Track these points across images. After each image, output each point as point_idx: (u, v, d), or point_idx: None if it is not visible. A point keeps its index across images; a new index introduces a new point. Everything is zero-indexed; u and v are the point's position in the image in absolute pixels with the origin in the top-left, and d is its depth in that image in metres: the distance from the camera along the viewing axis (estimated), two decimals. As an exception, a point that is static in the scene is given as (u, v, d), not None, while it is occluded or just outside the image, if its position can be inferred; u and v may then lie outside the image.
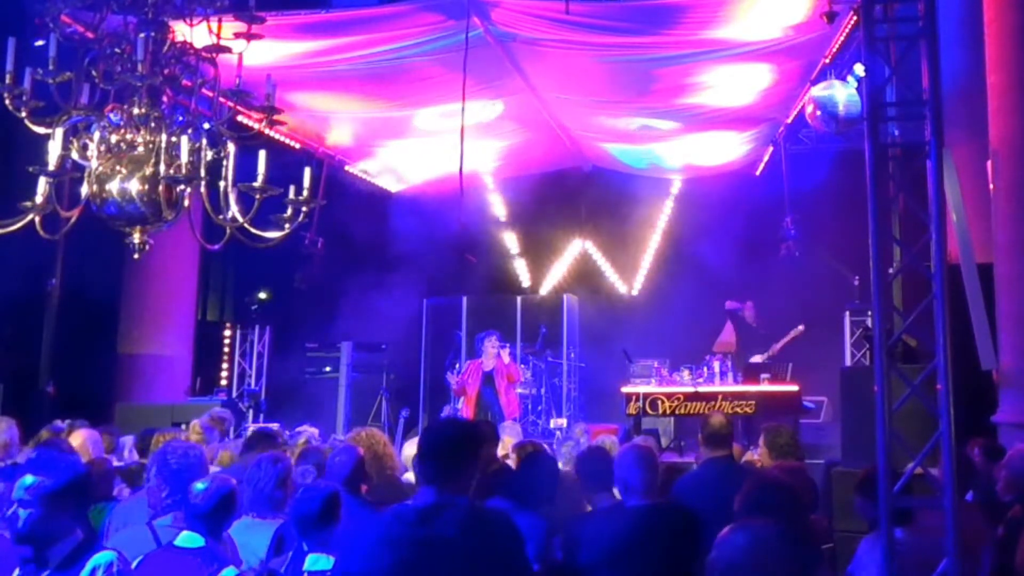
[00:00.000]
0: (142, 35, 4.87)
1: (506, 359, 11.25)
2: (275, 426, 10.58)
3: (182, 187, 5.09)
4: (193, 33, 5.19)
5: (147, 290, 12.88)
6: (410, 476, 5.61)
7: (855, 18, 8.00)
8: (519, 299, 14.50)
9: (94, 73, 4.99)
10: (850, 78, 9.57)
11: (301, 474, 4.77)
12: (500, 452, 6.49)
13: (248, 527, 4.21)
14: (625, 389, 10.98)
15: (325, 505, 3.73)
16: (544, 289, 15.43)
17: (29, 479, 3.16)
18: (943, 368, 3.73)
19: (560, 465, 5.55)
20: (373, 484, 4.89)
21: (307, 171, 5.36)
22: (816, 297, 12.61)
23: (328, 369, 14.32)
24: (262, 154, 5.19)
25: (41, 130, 4.96)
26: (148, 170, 4.93)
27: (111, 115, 5.00)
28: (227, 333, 14.48)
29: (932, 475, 3.95)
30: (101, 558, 3.13)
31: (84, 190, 5.05)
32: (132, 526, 3.91)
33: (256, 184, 5.19)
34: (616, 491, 4.43)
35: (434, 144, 11.96)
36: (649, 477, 4.15)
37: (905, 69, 4.57)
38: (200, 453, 4.19)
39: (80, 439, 6.28)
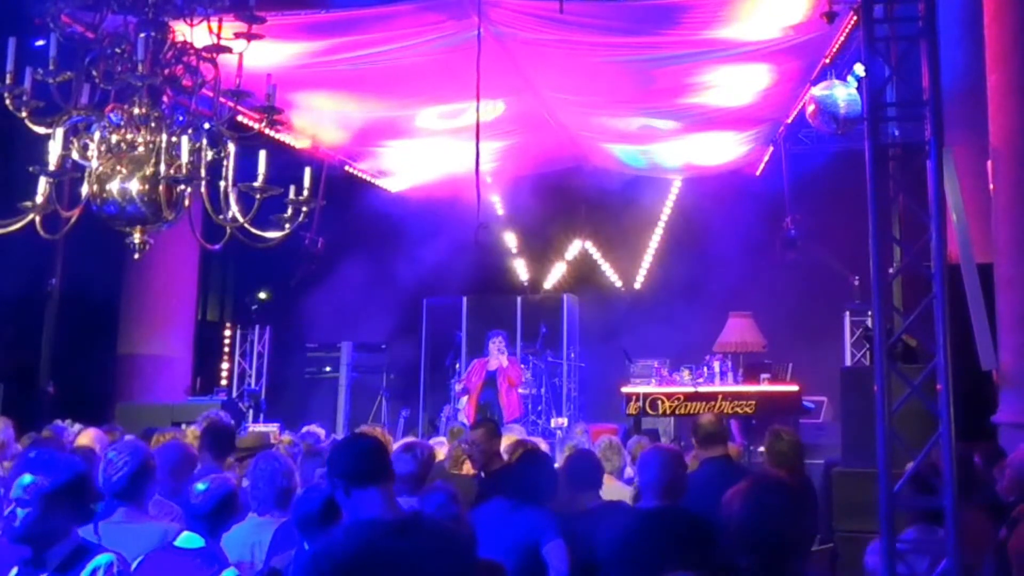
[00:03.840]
0: (142, 35, 4.87)
1: (504, 363, 11.27)
2: (274, 427, 10.61)
3: (182, 187, 5.09)
4: (193, 33, 5.19)
5: (147, 290, 12.88)
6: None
7: (855, 18, 8.00)
8: (519, 299, 14.50)
9: (94, 73, 4.99)
10: (850, 78, 9.57)
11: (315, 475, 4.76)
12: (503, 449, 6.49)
13: (257, 526, 4.22)
14: (625, 389, 10.98)
15: (326, 505, 3.72)
16: (544, 289, 15.42)
17: (27, 478, 3.15)
18: (943, 368, 3.73)
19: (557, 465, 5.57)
20: None
21: (307, 171, 5.36)
22: (816, 297, 12.62)
23: (328, 369, 14.32)
24: (262, 154, 5.20)
25: (41, 130, 4.96)
26: (148, 170, 4.94)
27: (111, 115, 5.00)
28: (227, 333, 14.49)
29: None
30: (101, 559, 3.12)
31: (84, 190, 5.05)
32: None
33: (256, 184, 5.19)
34: (603, 492, 4.44)
35: (434, 144, 11.96)
36: (669, 480, 4.15)
37: (905, 69, 4.57)
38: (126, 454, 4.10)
39: (89, 438, 6.31)
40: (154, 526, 3.91)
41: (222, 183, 5.33)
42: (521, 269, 15.58)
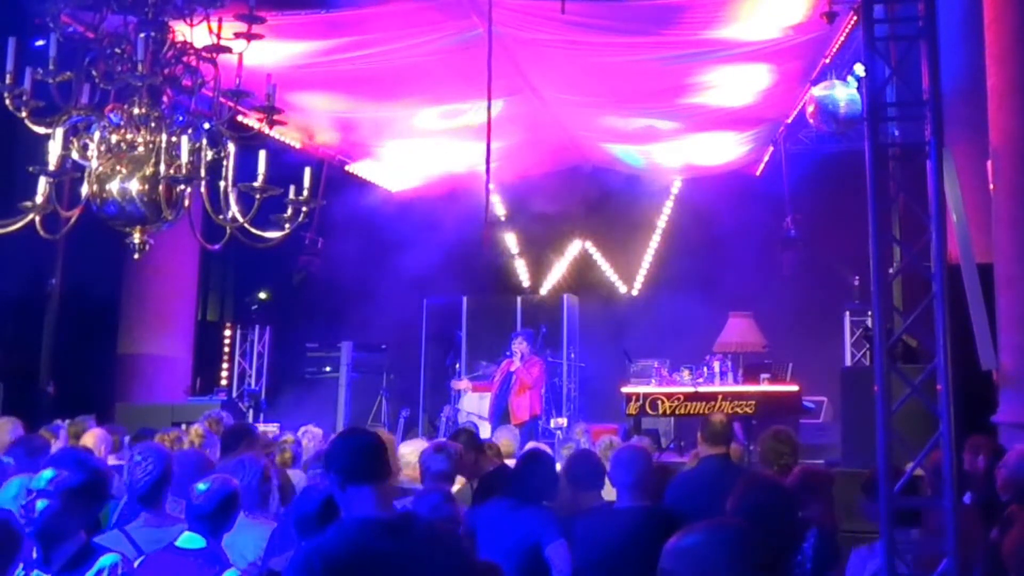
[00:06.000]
0: (142, 35, 4.87)
1: (517, 363, 11.30)
2: (274, 427, 10.61)
3: (182, 187, 5.09)
4: (193, 33, 5.19)
5: (147, 290, 12.88)
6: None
7: (855, 18, 8.00)
8: (519, 299, 14.50)
9: (94, 73, 4.99)
10: (850, 78, 9.57)
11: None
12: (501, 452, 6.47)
13: (237, 527, 4.21)
14: (625, 389, 10.98)
15: (324, 506, 3.72)
16: (544, 289, 15.42)
17: (50, 472, 3.17)
18: (943, 368, 3.72)
19: (558, 467, 5.56)
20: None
21: (307, 171, 5.36)
22: (816, 297, 12.61)
23: (328, 369, 14.32)
24: (262, 154, 5.20)
25: (41, 130, 4.96)
26: (148, 170, 4.94)
27: (111, 115, 5.00)
28: (227, 333, 14.48)
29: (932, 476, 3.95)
30: (106, 560, 3.13)
31: (84, 190, 5.06)
32: (107, 531, 3.94)
33: (256, 184, 5.19)
34: (605, 492, 4.44)
35: (434, 144, 11.96)
36: (639, 479, 4.16)
37: (905, 69, 4.57)
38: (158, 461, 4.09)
39: (92, 439, 6.31)
40: (177, 529, 3.90)
41: (222, 183, 5.33)
42: (521, 269, 15.59)
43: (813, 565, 3.67)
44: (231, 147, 5.32)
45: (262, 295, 15.26)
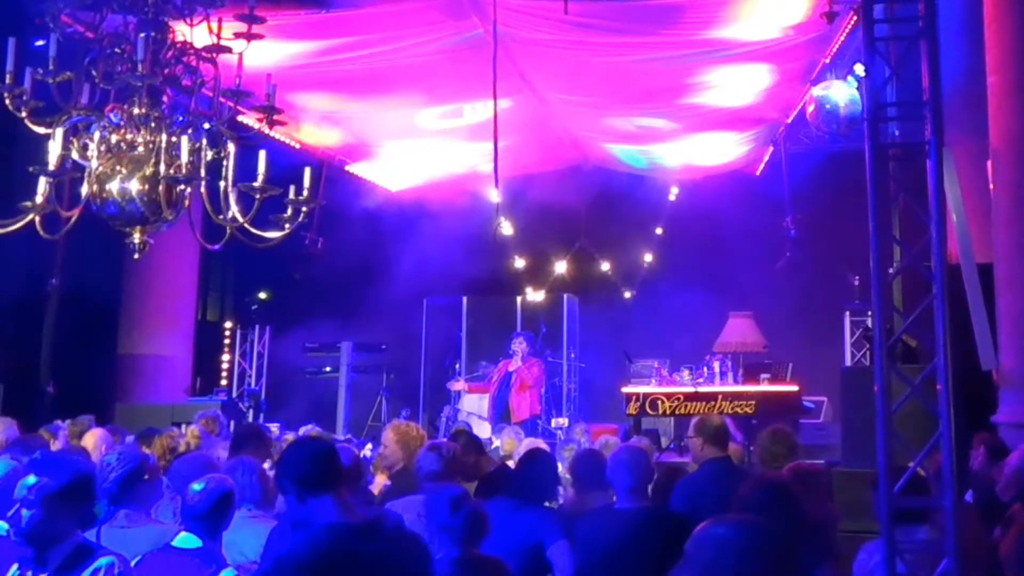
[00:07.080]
0: (142, 35, 4.87)
1: (517, 363, 11.33)
2: (275, 427, 10.62)
3: (182, 187, 5.09)
4: (193, 33, 5.19)
5: (147, 290, 12.90)
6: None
7: (855, 18, 8.01)
8: (519, 299, 14.51)
9: (94, 73, 4.99)
10: (850, 78, 9.57)
11: None
12: (501, 453, 6.49)
13: (238, 524, 4.21)
14: (625, 389, 10.99)
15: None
16: (544, 289, 15.43)
17: (31, 479, 3.16)
18: (943, 368, 3.72)
19: (560, 468, 5.55)
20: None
21: (307, 171, 5.36)
22: (816, 297, 12.63)
23: (328, 369, 14.34)
24: (262, 154, 5.19)
25: (41, 130, 4.95)
26: (148, 170, 4.93)
27: (111, 115, 5.00)
28: (227, 333, 14.49)
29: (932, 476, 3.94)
30: (102, 561, 3.13)
31: (84, 190, 5.05)
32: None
33: (256, 184, 5.18)
34: (611, 492, 4.45)
35: (434, 144, 11.96)
36: (639, 480, 4.16)
37: (905, 69, 4.56)
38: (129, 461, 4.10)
39: (93, 439, 6.31)
40: (154, 528, 3.91)
41: (222, 183, 5.32)
42: (521, 269, 15.58)
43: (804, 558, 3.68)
44: (231, 147, 5.31)
45: (262, 295, 15.27)
